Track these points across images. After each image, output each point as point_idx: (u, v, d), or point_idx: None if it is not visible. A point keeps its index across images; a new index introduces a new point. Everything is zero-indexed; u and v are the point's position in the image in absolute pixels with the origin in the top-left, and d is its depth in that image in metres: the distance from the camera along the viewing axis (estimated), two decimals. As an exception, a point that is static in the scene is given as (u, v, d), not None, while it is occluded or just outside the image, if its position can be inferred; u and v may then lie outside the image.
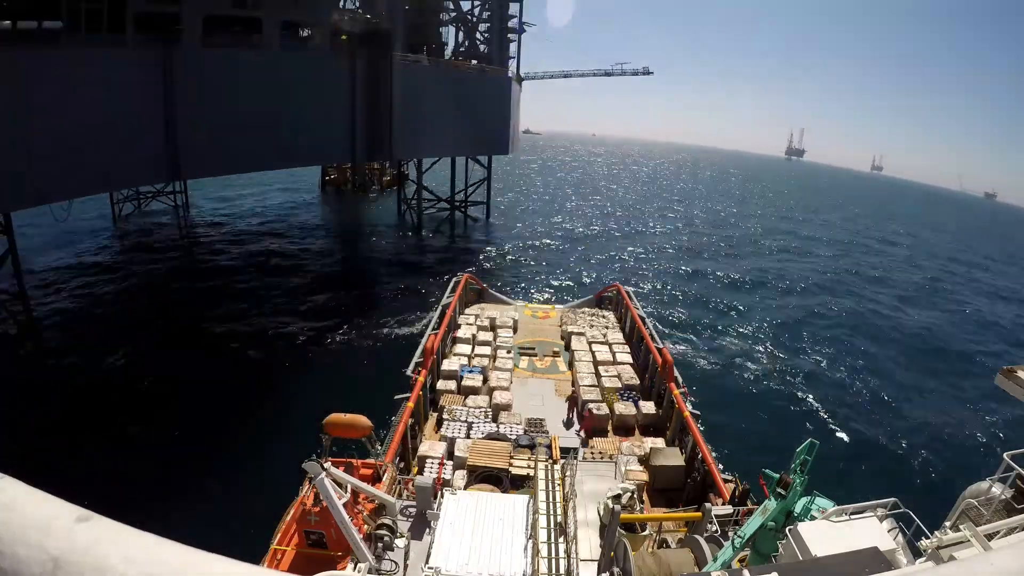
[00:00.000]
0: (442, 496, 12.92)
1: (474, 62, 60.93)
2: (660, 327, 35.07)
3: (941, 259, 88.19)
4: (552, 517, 13.45)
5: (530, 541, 11.73)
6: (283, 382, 28.75)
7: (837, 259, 74.94)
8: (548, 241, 67.23)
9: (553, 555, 12.30)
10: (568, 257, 60.70)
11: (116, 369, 28.80)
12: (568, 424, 20.86)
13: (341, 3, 48.77)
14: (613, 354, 25.35)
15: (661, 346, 24.39)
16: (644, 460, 18.27)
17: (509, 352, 25.56)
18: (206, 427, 24.05)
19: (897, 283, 65.07)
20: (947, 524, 8.07)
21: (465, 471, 16.87)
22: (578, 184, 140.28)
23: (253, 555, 10.85)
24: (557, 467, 15.68)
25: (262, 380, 28.71)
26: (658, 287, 51.64)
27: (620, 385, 22.67)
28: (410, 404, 18.69)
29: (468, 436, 18.88)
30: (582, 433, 20.37)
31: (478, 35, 64.97)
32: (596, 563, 12.90)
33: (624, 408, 21.13)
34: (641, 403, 21.53)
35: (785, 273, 62.83)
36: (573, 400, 21.94)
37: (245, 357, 31.15)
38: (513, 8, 64.17)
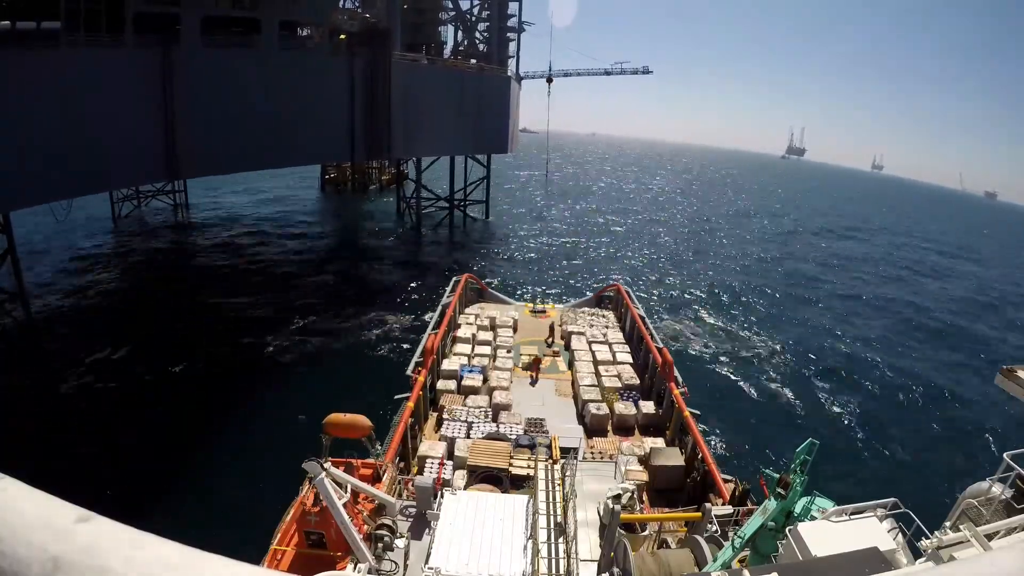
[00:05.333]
0: (442, 496, 12.90)
1: (473, 61, 60.95)
2: (659, 326, 35.11)
3: (941, 259, 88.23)
4: (552, 517, 13.45)
5: (530, 541, 11.72)
6: (283, 382, 28.74)
7: (837, 261, 74.95)
8: (548, 241, 67.23)
9: (553, 555, 12.30)
10: (568, 257, 60.70)
11: (115, 369, 28.78)
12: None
13: (340, 2, 48.78)
14: (613, 354, 25.33)
15: (661, 346, 24.38)
16: (644, 460, 18.26)
17: (509, 352, 25.54)
18: (206, 427, 24.06)
19: (897, 283, 65.11)
20: (947, 524, 8.05)
21: (465, 471, 16.86)
22: (578, 183, 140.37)
23: (253, 555, 10.85)
24: (557, 467, 15.69)
25: (261, 380, 28.70)
26: (658, 286, 51.65)
27: (620, 385, 22.66)
28: (410, 404, 18.68)
29: (468, 436, 18.86)
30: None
31: (477, 34, 65.02)
32: (596, 563, 12.89)
33: (624, 408, 21.12)
34: (641, 403, 21.52)
35: (785, 273, 62.87)
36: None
37: (245, 357, 31.13)
38: (512, 7, 64.24)
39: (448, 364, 23.52)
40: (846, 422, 29.77)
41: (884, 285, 62.91)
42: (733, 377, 33.68)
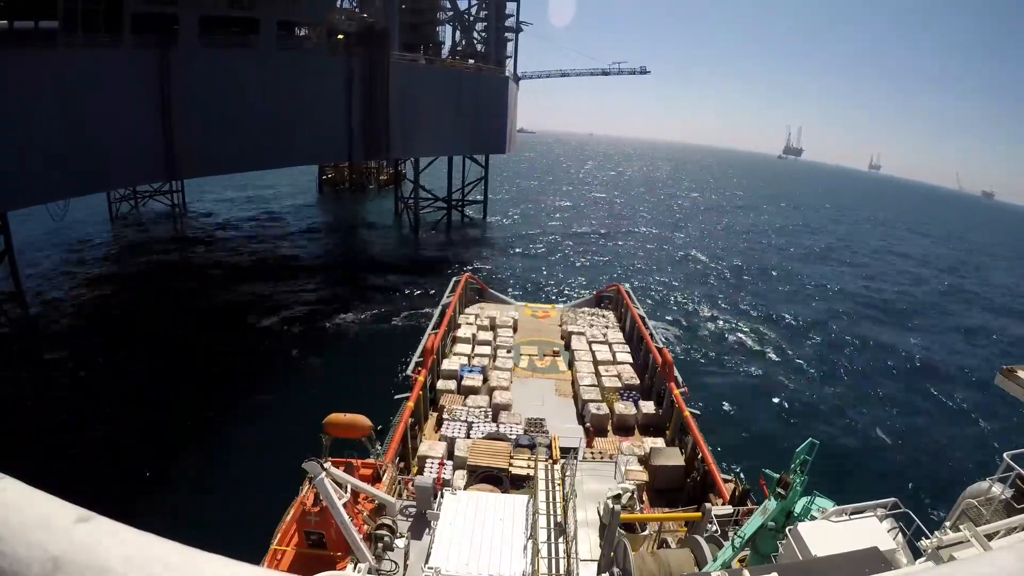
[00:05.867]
0: (442, 496, 12.89)
1: (471, 61, 60.94)
2: (660, 325, 35.11)
3: (940, 259, 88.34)
4: (552, 517, 13.44)
5: (530, 541, 11.71)
6: (283, 382, 28.72)
7: (836, 259, 75.01)
8: (548, 241, 67.23)
9: (553, 555, 12.28)
10: (568, 257, 60.71)
11: (114, 368, 28.75)
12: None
13: (338, 2, 48.74)
14: (613, 354, 25.34)
15: (661, 346, 24.39)
16: (644, 460, 18.27)
17: (509, 352, 25.54)
18: (206, 427, 24.03)
19: (897, 284, 65.17)
20: (947, 524, 8.05)
21: (465, 471, 16.86)
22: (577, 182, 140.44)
23: (253, 555, 10.83)
24: (557, 467, 15.68)
25: (261, 380, 28.66)
26: (658, 286, 51.65)
27: (620, 385, 22.67)
28: (410, 404, 18.68)
29: (468, 436, 18.86)
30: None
31: (475, 34, 64.99)
32: (596, 563, 12.89)
33: (624, 408, 21.13)
34: (641, 403, 21.52)
35: (785, 273, 62.91)
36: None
37: (244, 357, 31.10)
38: (510, 7, 64.22)
39: (448, 364, 23.52)
40: (846, 422, 29.78)
41: (884, 285, 62.97)
42: (733, 377, 33.70)
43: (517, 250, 61.44)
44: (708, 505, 13.84)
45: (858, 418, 30.33)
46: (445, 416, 20.20)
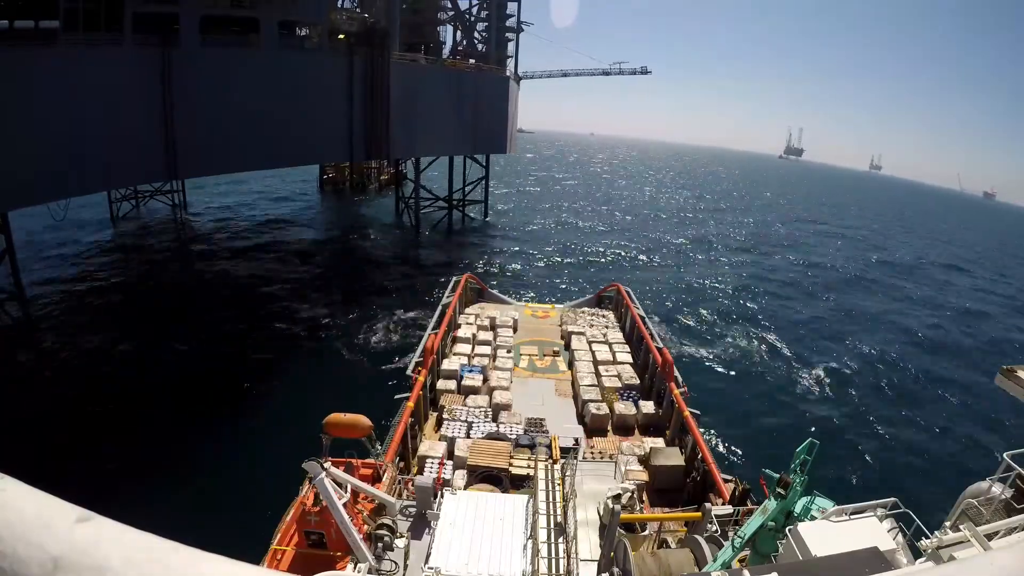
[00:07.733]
0: (442, 496, 12.90)
1: (472, 61, 60.94)
2: (660, 326, 35.11)
3: (940, 259, 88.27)
4: (552, 517, 13.44)
5: (530, 541, 11.71)
6: (283, 382, 28.71)
7: (837, 259, 74.97)
8: (548, 240, 67.20)
9: (553, 555, 12.28)
10: (568, 257, 60.69)
11: (114, 369, 28.75)
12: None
13: (339, 2, 48.77)
14: (613, 354, 25.34)
15: (661, 346, 24.39)
16: (644, 460, 18.27)
17: (509, 352, 25.54)
18: (205, 427, 24.04)
19: (896, 284, 65.13)
20: (947, 524, 8.06)
21: (465, 471, 16.87)
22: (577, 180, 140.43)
23: (253, 555, 10.83)
24: (557, 467, 15.68)
25: (261, 380, 28.65)
26: (658, 286, 51.61)
27: (620, 385, 22.67)
28: (410, 404, 18.68)
29: (468, 436, 18.87)
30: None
31: (476, 34, 64.97)
32: (596, 563, 12.88)
33: (624, 408, 21.13)
34: (641, 403, 21.53)
35: (785, 273, 62.88)
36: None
37: (244, 357, 31.07)
38: (511, 7, 64.21)
39: (448, 364, 23.52)
40: (846, 422, 29.76)
41: (883, 285, 62.92)
42: (733, 377, 33.68)
43: (517, 250, 61.41)
44: (708, 505, 13.83)
45: (858, 418, 30.30)
46: (445, 416, 20.20)
